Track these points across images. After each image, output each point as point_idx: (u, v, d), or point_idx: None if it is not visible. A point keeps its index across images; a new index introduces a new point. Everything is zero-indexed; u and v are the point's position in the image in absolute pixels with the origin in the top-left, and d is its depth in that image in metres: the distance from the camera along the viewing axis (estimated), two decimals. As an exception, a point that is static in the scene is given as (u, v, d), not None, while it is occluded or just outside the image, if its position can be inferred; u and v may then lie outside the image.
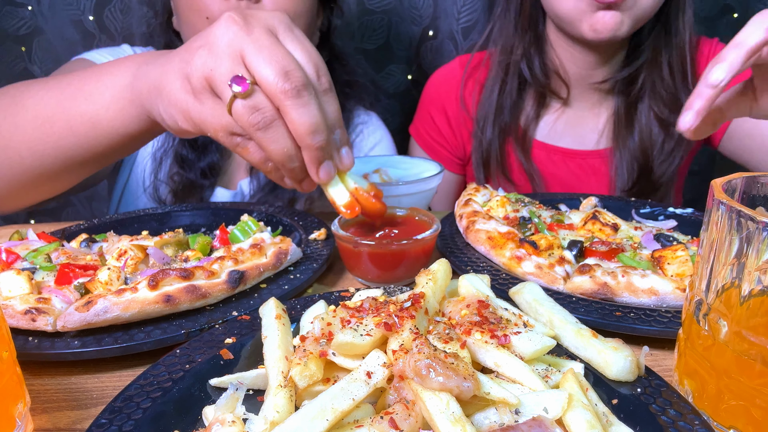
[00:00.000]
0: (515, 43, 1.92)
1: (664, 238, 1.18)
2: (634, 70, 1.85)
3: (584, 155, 2.00)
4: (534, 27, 1.91)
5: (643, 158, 1.86)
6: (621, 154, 1.89)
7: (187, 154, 1.80)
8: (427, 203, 1.50)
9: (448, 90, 2.12)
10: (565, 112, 2.01)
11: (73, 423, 0.78)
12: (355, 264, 1.14)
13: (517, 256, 1.11)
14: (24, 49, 2.49)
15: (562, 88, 1.95)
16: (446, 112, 2.13)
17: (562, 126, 2.01)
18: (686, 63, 1.82)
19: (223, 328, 0.88)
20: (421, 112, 2.22)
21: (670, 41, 1.81)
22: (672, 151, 1.85)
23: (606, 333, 0.82)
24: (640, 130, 1.86)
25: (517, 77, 1.93)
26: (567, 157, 2.00)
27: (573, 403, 0.64)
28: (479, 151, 2.01)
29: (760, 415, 0.67)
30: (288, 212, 1.44)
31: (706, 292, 0.72)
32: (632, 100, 1.88)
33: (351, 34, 2.61)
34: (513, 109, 1.96)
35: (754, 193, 0.77)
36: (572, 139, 2.00)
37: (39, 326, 0.91)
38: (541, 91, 1.96)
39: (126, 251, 1.12)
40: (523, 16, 1.91)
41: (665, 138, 1.84)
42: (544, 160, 2.01)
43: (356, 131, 2.00)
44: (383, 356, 0.69)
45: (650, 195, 1.91)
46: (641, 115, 1.86)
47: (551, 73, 1.94)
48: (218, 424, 0.63)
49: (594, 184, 2.00)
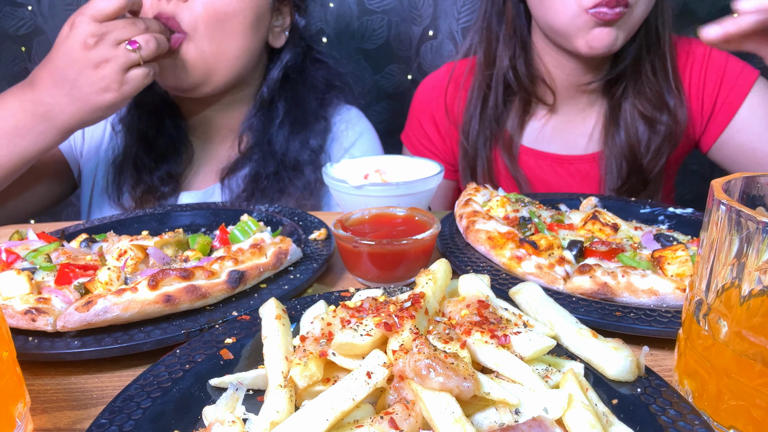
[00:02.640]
0: (499, 52, 1.91)
1: (664, 238, 1.18)
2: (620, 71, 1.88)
3: (573, 160, 1.99)
4: (519, 34, 1.90)
5: (631, 156, 1.87)
6: (610, 154, 1.90)
7: (144, 160, 1.83)
8: (427, 203, 1.50)
9: (436, 97, 2.10)
10: (552, 117, 2.00)
11: (73, 423, 0.78)
12: (355, 264, 1.14)
13: (517, 256, 1.11)
14: (24, 49, 2.49)
15: (548, 95, 1.94)
16: (435, 120, 2.12)
17: (550, 131, 2.00)
18: (667, 61, 1.85)
19: (223, 328, 0.88)
20: (411, 120, 2.21)
21: (651, 42, 1.84)
22: (659, 148, 1.86)
23: (606, 333, 0.82)
24: (626, 127, 1.87)
25: (503, 84, 1.92)
26: (555, 162, 1.99)
27: (573, 403, 0.64)
28: (465, 158, 2.01)
29: (760, 415, 0.67)
30: (288, 212, 1.44)
31: (706, 292, 0.72)
32: (617, 100, 1.90)
33: (351, 34, 2.61)
34: (498, 116, 1.95)
35: (754, 193, 0.77)
36: (560, 144, 1.99)
37: (39, 326, 0.91)
38: (527, 98, 1.95)
39: (126, 251, 1.12)
40: (507, 23, 1.89)
41: (651, 135, 1.86)
42: (533, 166, 2.00)
43: (338, 127, 1.99)
44: (383, 356, 0.69)
45: (639, 192, 1.91)
46: (626, 113, 1.88)
47: (537, 80, 1.93)
48: (218, 424, 0.63)
49: (583, 187, 1.99)
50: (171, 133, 1.88)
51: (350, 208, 1.38)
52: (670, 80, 1.86)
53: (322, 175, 1.47)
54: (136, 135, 1.85)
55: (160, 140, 1.86)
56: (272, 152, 1.82)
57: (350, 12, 2.57)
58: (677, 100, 1.86)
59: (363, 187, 1.37)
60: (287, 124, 1.84)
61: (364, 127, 2.06)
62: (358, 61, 2.65)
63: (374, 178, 1.48)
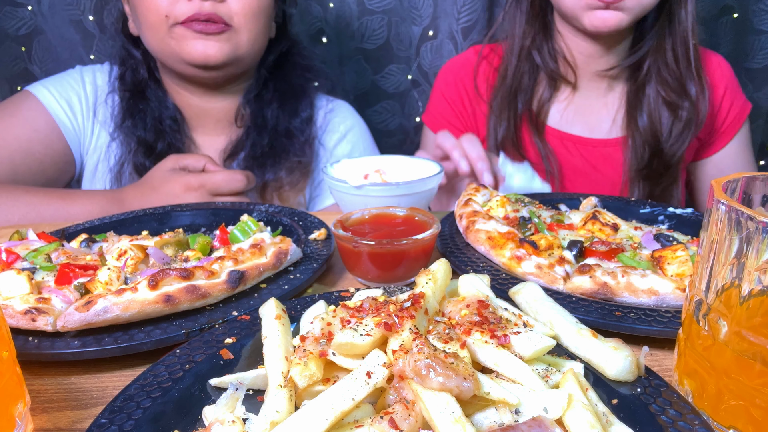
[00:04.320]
0: (525, 31, 2.00)
1: (664, 238, 1.18)
2: (639, 57, 1.93)
3: (596, 143, 2.05)
4: (542, 16, 2.00)
5: (654, 140, 1.93)
6: (633, 139, 1.96)
7: (144, 162, 1.88)
8: (427, 203, 1.50)
9: (463, 76, 2.18)
10: (574, 100, 2.07)
11: (73, 423, 0.78)
12: (355, 264, 1.14)
13: (517, 256, 1.11)
14: (24, 49, 2.49)
15: (570, 73, 2.02)
16: (461, 97, 2.19)
17: (572, 114, 2.07)
18: (689, 50, 1.88)
19: (223, 328, 0.88)
20: (434, 99, 2.27)
21: (673, 29, 1.87)
22: (681, 133, 1.91)
23: (606, 333, 0.82)
24: (649, 113, 1.93)
25: (528, 63, 2.01)
26: (579, 144, 2.06)
27: (573, 403, 0.64)
28: (494, 134, 2.07)
29: (760, 415, 0.67)
30: (288, 212, 1.44)
31: (706, 292, 0.72)
32: (639, 85, 1.95)
33: (351, 34, 2.61)
34: (525, 92, 2.03)
35: (754, 193, 0.77)
36: (583, 127, 2.06)
37: (39, 326, 0.91)
38: (551, 75, 2.03)
39: (126, 251, 1.12)
40: (532, 5, 1.99)
41: (674, 120, 1.91)
42: (558, 146, 2.06)
43: (322, 118, 2.12)
44: (383, 356, 0.69)
45: (661, 176, 1.97)
46: (649, 99, 1.93)
47: (559, 58, 2.01)
48: (218, 424, 0.63)
49: (607, 170, 2.05)
50: (169, 133, 1.92)
51: (350, 208, 1.38)
52: (692, 68, 1.89)
53: (323, 175, 1.47)
54: (136, 140, 1.89)
55: (158, 143, 1.89)
56: (265, 125, 1.96)
57: (350, 12, 2.57)
58: (699, 89, 1.90)
59: (363, 187, 1.37)
60: (276, 99, 1.99)
61: (354, 122, 2.19)
62: (358, 61, 2.65)
63: (374, 178, 1.48)
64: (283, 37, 2.05)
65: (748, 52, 2.62)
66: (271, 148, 1.95)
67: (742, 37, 2.59)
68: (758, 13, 2.55)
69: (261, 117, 1.97)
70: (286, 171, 1.97)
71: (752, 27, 2.57)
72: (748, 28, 2.57)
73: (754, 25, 2.56)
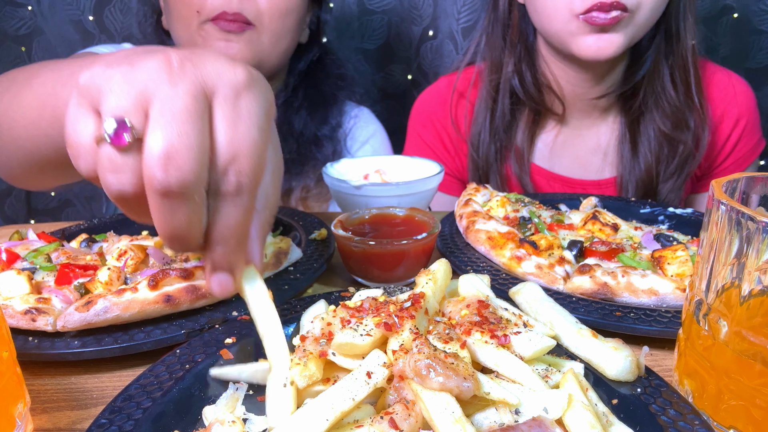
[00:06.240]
0: (505, 58, 1.80)
1: (664, 238, 1.18)
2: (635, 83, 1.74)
3: (586, 185, 1.87)
4: (524, 40, 1.78)
5: (648, 178, 1.77)
6: (627, 179, 1.79)
7: None
8: (427, 203, 1.50)
9: (437, 110, 2.00)
10: (563, 130, 1.89)
11: (73, 423, 0.78)
12: (355, 264, 1.14)
13: (517, 256, 1.11)
14: (24, 49, 2.49)
15: (557, 104, 1.82)
16: (439, 134, 2.02)
17: (560, 148, 1.89)
18: (689, 74, 1.70)
19: (223, 328, 0.88)
20: (411, 137, 2.11)
21: (671, 50, 1.69)
22: (674, 171, 1.75)
23: (606, 333, 0.82)
24: (645, 150, 1.75)
25: (509, 95, 1.81)
26: (567, 186, 1.88)
27: (573, 403, 0.64)
28: (477, 172, 1.92)
29: (760, 415, 0.67)
30: (288, 212, 1.44)
31: (706, 292, 0.72)
32: (634, 117, 1.76)
33: (351, 34, 2.61)
34: (507, 126, 1.84)
35: (754, 193, 0.77)
36: (572, 164, 1.88)
37: (39, 326, 0.91)
38: (536, 108, 1.84)
39: (126, 251, 1.11)
40: (512, 29, 1.78)
41: (669, 158, 1.74)
42: (544, 186, 1.90)
43: (349, 124, 2.07)
44: (383, 356, 0.69)
45: None
46: (646, 134, 1.75)
47: (544, 89, 1.81)
48: (218, 424, 0.63)
49: None
50: None
51: (350, 208, 1.38)
52: (692, 94, 1.70)
53: (323, 175, 1.47)
54: None
55: None
56: (291, 132, 1.89)
57: (350, 12, 2.57)
58: (699, 120, 1.72)
59: (363, 187, 1.37)
60: (306, 107, 1.93)
61: (376, 128, 2.14)
62: (358, 61, 2.65)
63: (374, 178, 1.48)
64: (315, 44, 1.99)
65: (748, 52, 2.62)
66: (298, 155, 1.88)
67: (742, 37, 2.59)
68: (758, 13, 2.55)
69: (287, 123, 1.90)
70: (315, 180, 1.90)
71: (752, 27, 2.57)
72: (748, 28, 2.57)
73: (754, 25, 2.56)
